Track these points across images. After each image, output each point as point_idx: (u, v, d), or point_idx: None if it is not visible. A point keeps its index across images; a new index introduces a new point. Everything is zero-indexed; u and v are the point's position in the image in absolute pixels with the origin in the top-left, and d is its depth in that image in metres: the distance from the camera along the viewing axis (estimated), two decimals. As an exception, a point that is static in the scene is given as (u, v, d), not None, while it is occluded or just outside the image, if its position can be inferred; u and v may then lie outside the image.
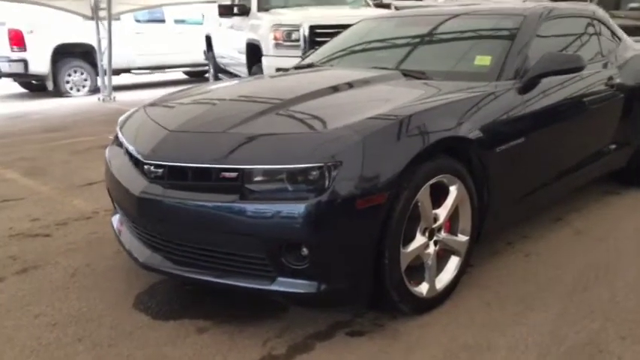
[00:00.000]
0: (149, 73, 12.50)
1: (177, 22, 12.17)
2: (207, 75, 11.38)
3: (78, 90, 10.95)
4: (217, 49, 9.60)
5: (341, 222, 2.12)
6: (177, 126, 2.54)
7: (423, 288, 2.47)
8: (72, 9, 9.57)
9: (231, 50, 8.41)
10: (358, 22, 4.07)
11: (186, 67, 12.66)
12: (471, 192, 2.60)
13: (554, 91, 3.10)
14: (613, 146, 3.82)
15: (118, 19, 10.87)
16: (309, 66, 3.65)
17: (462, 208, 2.61)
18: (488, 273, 2.92)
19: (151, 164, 2.40)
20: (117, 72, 11.43)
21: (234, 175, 2.20)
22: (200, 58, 11.35)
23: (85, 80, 11.04)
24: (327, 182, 2.10)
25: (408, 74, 3.05)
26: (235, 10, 7.57)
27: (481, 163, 2.61)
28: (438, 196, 2.50)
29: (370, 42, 3.71)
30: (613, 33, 3.98)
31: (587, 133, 3.46)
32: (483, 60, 3.00)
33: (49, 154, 5.91)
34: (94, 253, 3.25)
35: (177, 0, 10.77)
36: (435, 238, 2.51)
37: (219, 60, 9.66)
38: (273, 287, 2.19)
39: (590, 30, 3.75)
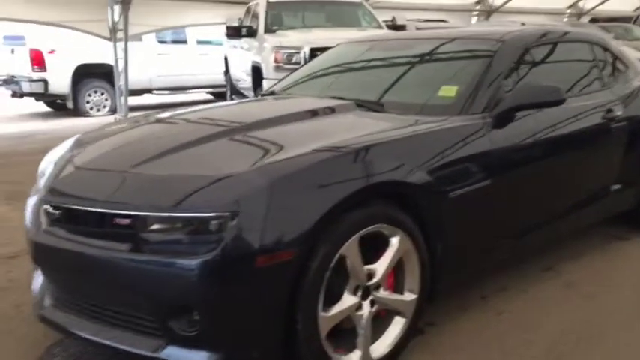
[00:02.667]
0: (170, 94, 12.46)
1: (199, 42, 12.11)
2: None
3: (98, 110, 10.96)
4: (232, 71, 9.48)
5: (237, 282, 1.81)
6: (83, 162, 2.29)
7: (354, 357, 2.12)
8: (91, 30, 9.59)
9: (240, 72, 8.25)
10: (335, 46, 3.77)
11: (207, 88, 12.60)
12: (418, 244, 2.25)
13: (532, 126, 2.72)
14: (616, 187, 3.39)
15: (140, 40, 10.89)
16: (271, 93, 3.37)
17: (407, 263, 2.26)
18: (448, 335, 2.54)
19: (49, 204, 2.15)
20: (139, 92, 11.43)
21: (127, 222, 1.92)
22: (221, 78, 11.26)
23: (106, 100, 11.05)
24: (223, 236, 1.80)
25: (363, 105, 2.73)
26: (243, 31, 7.39)
27: (430, 210, 2.26)
28: (378, 248, 2.17)
29: (339, 68, 3.41)
30: (618, 60, 3.56)
31: (578, 173, 3.05)
32: (449, 91, 2.66)
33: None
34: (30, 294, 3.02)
35: (193, 22, 10.71)
36: (371, 297, 2.16)
37: (234, 81, 9.52)
38: (162, 355, 1.88)
39: (589, 57, 3.35)
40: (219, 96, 13.24)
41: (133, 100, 11.60)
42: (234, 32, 7.48)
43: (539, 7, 15.65)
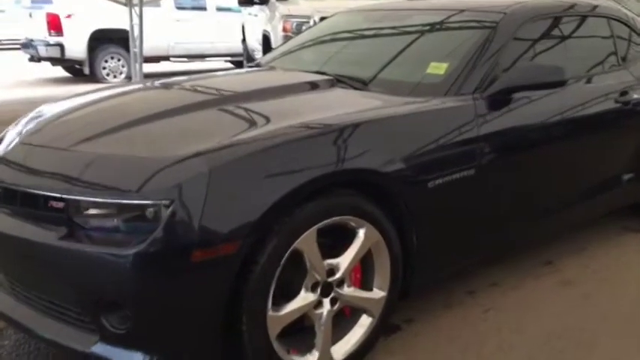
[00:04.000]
0: (188, 61, 12.29)
1: (219, 9, 11.85)
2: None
3: (115, 77, 10.85)
4: (247, 39, 9.25)
5: (171, 278, 1.64)
6: (31, 136, 2.13)
7: (311, 358, 1.95)
8: (107, -5, 9.42)
9: (253, 41, 8.03)
10: (332, 15, 3.52)
11: (226, 57, 12.37)
12: (388, 237, 2.04)
13: (530, 109, 2.47)
14: (628, 176, 3.11)
15: (159, 5, 10.70)
16: (257, 65, 3.15)
17: (377, 258, 2.07)
18: (425, 334, 2.35)
19: None
20: (156, 59, 11.29)
21: (60, 205, 1.76)
22: (240, 47, 11.02)
23: (123, 67, 10.93)
24: (157, 226, 1.62)
25: (345, 82, 2.50)
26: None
27: (405, 201, 2.05)
28: (346, 241, 1.98)
29: (329, 40, 3.16)
30: (637, 36, 3.24)
31: (582, 161, 2.78)
32: (438, 68, 2.41)
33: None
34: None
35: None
36: (332, 294, 1.98)
37: (249, 51, 9.30)
38: (95, 351, 1.73)
39: (604, 33, 3.05)
40: (239, 64, 13.02)
41: (151, 68, 11.48)
42: (245, 0, 7.22)
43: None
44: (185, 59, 12.01)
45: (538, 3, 2.82)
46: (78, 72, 11.46)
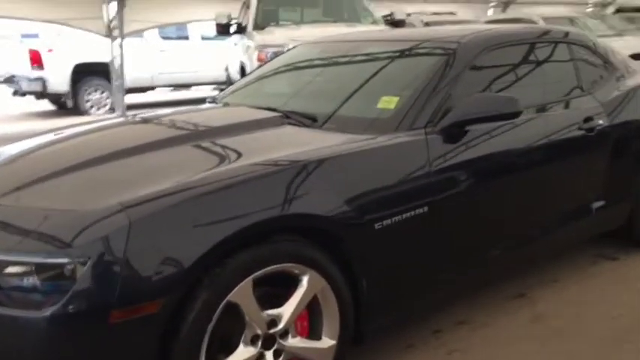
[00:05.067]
0: (173, 91, 12.28)
1: (204, 38, 11.87)
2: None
3: (98, 108, 10.80)
4: (229, 68, 9.24)
5: (88, 341, 1.54)
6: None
7: (255, 417, 1.83)
8: (87, 27, 9.42)
9: (233, 70, 7.99)
10: (293, 47, 3.46)
11: (212, 85, 12.37)
12: (335, 283, 1.94)
13: (487, 141, 2.38)
14: (599, 203, 3.02)
15: (141, 36, 10.71)
16: (212, 101, 3.07)
17: (324, 305, 1.96)
18: (383, 381, 2.24)
19: None
20: (141, 90, 11.28)
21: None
22: (224, 75, 11.01)
23: (107, 99, 10.88)
24: (72, 285, 1.52)
25: (294, 118, 2.42)
26: (232, 28, 7.11)
27: (351, 245, 1.95)
28: (290, 288, 1.88)
29: (287, 72, 3.10)
30: (604, 61, 3.18)
31: (545, 191, 2.69)
32: (388, 102, 2.33)
33: None
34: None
35: (193, 17, 10.44)
36: (276, 346, 1.87)
37: (231, 79, 9.27)
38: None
39: (566, 59, 2.98)
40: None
41: (136, 98, 11.46)
42: (222, 29, 7.20)
43: (560, -3, 15.02)
44: (170, 88, 12.01)
45: (495, 31, 2.76)
46: (63, 105, 11.43)
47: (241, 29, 7.11)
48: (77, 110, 10.61)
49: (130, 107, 9.98)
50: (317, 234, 1.90)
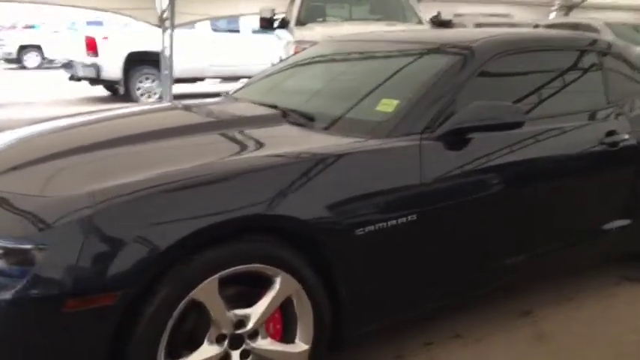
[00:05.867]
0: (222, 82, 12.43)
1: (254, 32, 11.95)
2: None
3: (149, 97, 11.06)
4: (272, 63, 9.28)
5: (43, 327, 1.55)
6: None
7: (218, 419, 1.81)
8: (140, 17, 9.65)
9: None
10: (313, 45, 3.42)
11: (260, 78, 12.45)
12: (310, 287, 1.90)
13: (487, 151, 2.28)
14: (622, 222, 2.85)
15: (193, 27, 10.89)
16: (226, 94, 3.07)
17: (299, 308, 1.92)
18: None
19: None
20: (192, 80, 11.49)
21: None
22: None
23: (158, 87, 11.13)
24: (29, 271, 1.54)
25: (292, 117, 2.38)
26: (275, 23, 7.13)
27: (330, 250, 1.91)
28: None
29: (300, 70, 3.06)
30: (634, 70, 2.99)
31: (553, 208, 2.54)
32: (388, 105, 2.26)
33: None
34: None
35: (244, 11, 10.55)
36: (243, 347, 1.84)
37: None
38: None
39: (592, 68, 2.82)
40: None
41: (185, 88, 11.67)
42: (266, 23, 7.23)
43: (622, 3, 14.37)
44: (220, 80, 12.17)
45: (511, 37, 2.64)
46: (116, 91, 11.78)
47: (284, 24, 7.11)
48: (128, 97, 10.91)
49: (179, 97, 10.19)
50: (293, 236, 1.85)
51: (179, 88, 10.78)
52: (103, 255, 1.56)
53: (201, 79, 11.82)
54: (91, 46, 10.36)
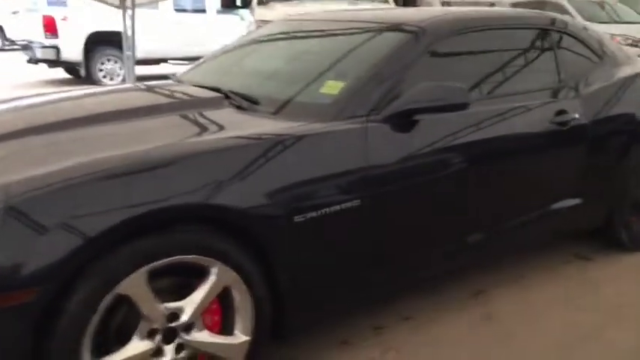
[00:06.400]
0: (187, 64, 12.19)
1: (219, 12, 11.72)
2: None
3: (111, 78, 10.81)
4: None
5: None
6: None
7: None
8: (101, -2, 9.36)
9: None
10: (263, 25, 3.33)
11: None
12: (248, 277, 1.85)
13: (435, 133, 2.24)
14: (573, 202, 2.85)
15: (156, 7, 10.63)
16: (173, 77, 2.96)
17: (238, 299, 1.87)
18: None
19: None
20: (155, 62, 11.24)
21: None
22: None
23: (120, 69, 10.88)
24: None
25: (235, 100, 2.30)
26: (237, 2, 6.97)
27: (267, 238, 1.85)
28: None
29: (248, 51, 2.97)
30: (589, 50, 2.97)
31: (501, 188, 2.52)
32: (333, 87, 2.20)
33: None
34: None
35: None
36: (177, 340, 1.79)
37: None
38: None
39: (545, 47, 2.79)
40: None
41: (148, 70, 11.41)
42: (228, 3, 7.06)
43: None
44: (184, 62, 11.92)
45: (463, 15, 2.58)
46: (78, 73, 11.47)
47: (246, 4, 6.96)
48: (90, 79, 10.64)
49: (143, 78, 9.95)
50: (228, 226, 1.79)
51: (143, 70, 10.54)
52: (19, 249, 1.48)
53: (165, 60, 11.57)
54: (50, 27, 10.06)
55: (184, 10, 11.34)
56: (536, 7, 8.49)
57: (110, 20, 10.34)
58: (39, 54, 10.28)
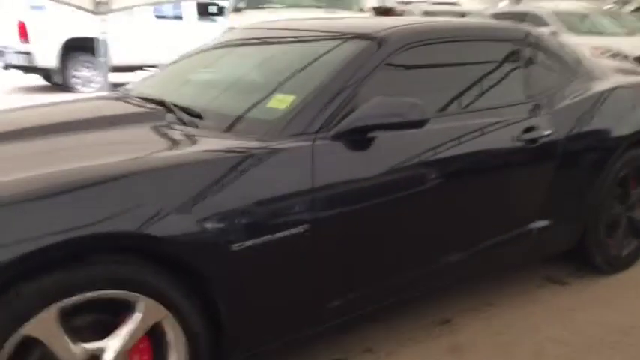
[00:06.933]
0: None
1: (200, 19, 11.53)
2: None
3: (84, 85, 10.56)
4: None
5: None
6: None
7: None
8: (75, 3, 9.15)
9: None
10: (222, 33, 3.17)
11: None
12: (180, 312, 1.67)
13: (391, 152, 2.08)
14: (541, 223, 2.70)
15: (131, 14, 10.44)
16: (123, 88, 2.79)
17: (170, 334, 1.69)
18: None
19: None
20: (131, 69, 11.03)
21: None
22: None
23: (97, 77, 10.64)
24: None
25: (178, 114, 2.13)
26: (211, 9, 6.82)
27: (200, 269, 1.68)
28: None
29: (202, 60, 2.81)
30: (561, 64, 2.84)
31: (463, 211, 2.36)
32: (281, 101, 2.04)
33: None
34: None
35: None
36: (99, 383, 1.61)
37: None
38: None
39: (512, 60, 2.65)
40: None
41: (125, 77, 11.20)
42: (202, 10, 6.90)
43: (574, -8, 14.42)
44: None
45: (424, 26, 2.44)
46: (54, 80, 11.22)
47: (220, 11, 6.81)
48: (66, 87, 10.41)
49: (118, 86, 9.73)
50: (155, 256, 1.62)
51: (120, 77, 10.32)
52: None
53: (140, 67, 11.35)
54: (24, 33, 9.82)
55: (163, 17, 11.14)
56: (516, 18, 8.43)
57: (87, 26, 10.14)
58: (14, 59, 10.04)
